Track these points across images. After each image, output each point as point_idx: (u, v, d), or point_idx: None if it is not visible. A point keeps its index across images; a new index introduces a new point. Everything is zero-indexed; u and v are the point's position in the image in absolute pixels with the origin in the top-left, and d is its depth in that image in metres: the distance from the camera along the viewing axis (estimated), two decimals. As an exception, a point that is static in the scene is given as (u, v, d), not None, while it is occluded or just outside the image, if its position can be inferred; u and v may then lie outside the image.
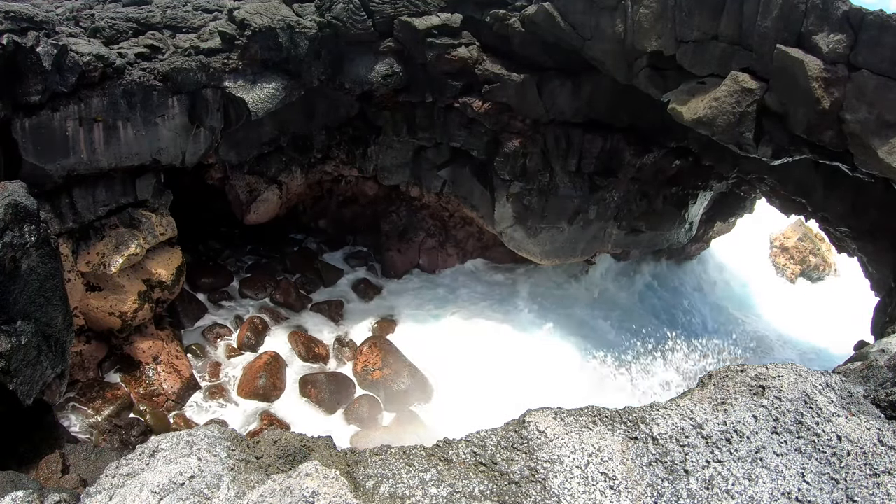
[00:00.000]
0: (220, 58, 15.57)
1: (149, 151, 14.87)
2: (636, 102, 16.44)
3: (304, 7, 17.23)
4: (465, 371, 16.20)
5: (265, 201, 20.05)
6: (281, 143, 19.17)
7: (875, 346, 6.17)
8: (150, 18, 15.65)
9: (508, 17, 16.37)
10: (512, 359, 16.82)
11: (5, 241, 9.11)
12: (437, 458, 4.49)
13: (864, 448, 4.31)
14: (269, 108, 16.47)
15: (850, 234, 15.05)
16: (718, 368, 5.22)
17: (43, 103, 12.75)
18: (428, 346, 17.36)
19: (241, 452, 4.65)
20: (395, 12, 16.89)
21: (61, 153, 13.29)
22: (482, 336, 18.17)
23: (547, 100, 17.20)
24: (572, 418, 4.76)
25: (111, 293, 14.66)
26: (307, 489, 3.97)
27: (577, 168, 18.01)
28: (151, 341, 15.25)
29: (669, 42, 13.44)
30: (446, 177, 20.22)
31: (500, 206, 19.02)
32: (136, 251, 14.77)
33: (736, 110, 12.30)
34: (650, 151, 17.98)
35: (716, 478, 4.20)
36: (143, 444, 4.69)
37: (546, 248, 19.09)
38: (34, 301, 9.73)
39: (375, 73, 17.36)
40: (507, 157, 18.22)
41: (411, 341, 17.57)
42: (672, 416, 4.68)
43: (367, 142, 20.13)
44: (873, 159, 11.05)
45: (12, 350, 9.19)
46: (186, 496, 4.10)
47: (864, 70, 10.91)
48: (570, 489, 4.17)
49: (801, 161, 13.75)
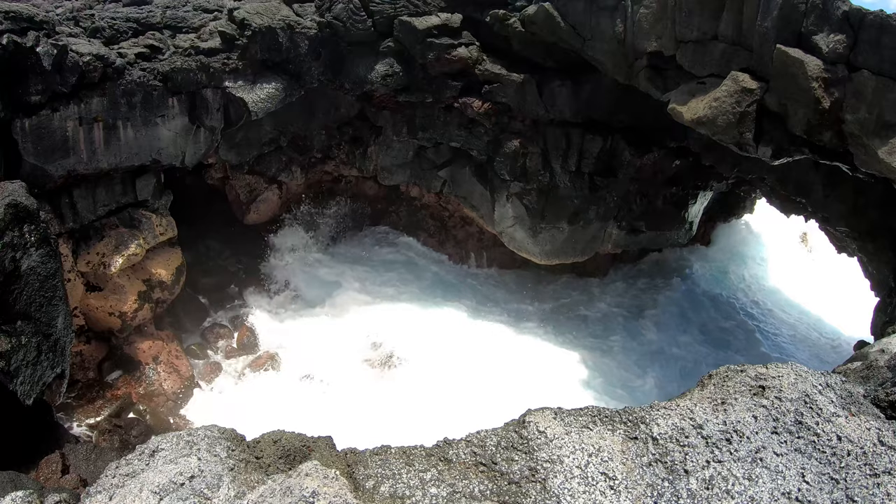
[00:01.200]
0: (220, 58, 15.57)
1: (149, 151, 14.87)
2: (636, 102, 16.44)
3: (304, 7, 17.24)
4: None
5: (265, 201, 20.06)
6: (281, 143, 19.17)
7: (875, 346, 6.17)
8: (150, 18, 15.64)
9: (508, 17, 16.38)
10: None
11: (5, 241, 9.11)
12: (437, 458, 4.49)
13: (864, 448, 4.30)
14: (269, 108, 16.47)
15: (850, 234, 15.05)
16: (718, 369, 5.22)
17: (43, 103, 12.75)
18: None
19: (241, 452, 4.65)
20: (395, 12, 16.89)
21: (61, 153, 13.28)
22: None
23: (547, 100, 17.20)
24: (572, 418, 4.76)
25: (111, 293, 14.65)
26: (307, 489, 3.97)
27: (577, 168, 18.00)
28: (151, 341, 15.24)
29: (669, 42, 13.44)
30: (446, 177, 20.22)
31: (500, 206, 19.02)
32: (136, 251, 14.78)
33: (736, 110, 12.30)
34: (650, 151, 17.98)
35: (716, 478, 4.20)
36: (143, 444, 4.68)
37: (546, 248, 19.09)
38: (34, 301, 9.73)
39: (375, 73, 17.36)
40: (507, 157, 18.22)
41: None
42: (672, 416, 4.68)
43: (367, 142, 20.13)
44: (873, 159, 11.05)
45: (12, 350, 9.19)
46: (186, 496, 4.09)
47: (864, 70, 10.90)
48: (570, 489, 4.17)
49: (801, 161, 13.75)
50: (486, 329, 18.73)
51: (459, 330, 18.56)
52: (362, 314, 18.65)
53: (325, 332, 17.80)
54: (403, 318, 18.71)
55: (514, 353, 17.45)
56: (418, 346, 17.36)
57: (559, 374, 16.75)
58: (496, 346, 17.73)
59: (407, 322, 18.60)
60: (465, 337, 18.15)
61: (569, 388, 16.08)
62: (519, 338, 18.46)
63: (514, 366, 16.70)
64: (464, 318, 19.15)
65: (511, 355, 17.31)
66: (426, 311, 19.20)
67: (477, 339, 18.10)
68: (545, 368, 16.87)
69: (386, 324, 18.21)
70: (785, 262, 25.17)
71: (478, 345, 17.70)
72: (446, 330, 18.48)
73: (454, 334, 18.23)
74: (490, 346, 17.67)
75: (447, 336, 18.07)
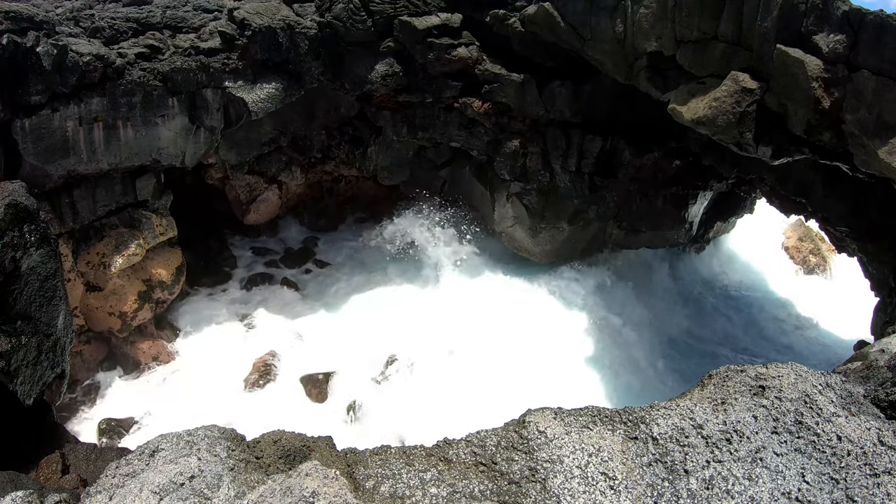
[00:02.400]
0: (220, 58, 15.57)
1: (149, 152, 14.87)
2: (636, 102, 16.43)
3: (304, 7, 17.23)
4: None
5: (265, 201, 20.07)
6: (281, 143, 19.16)
7: (875, 346, 6.16)
8: (150, 18, 15.64)
9: (508, 17, 16.37)
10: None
11: (5, 241, 9.11)
12: (437, 458, 4.49)
13: (864, 448, 4.30)
14: (269, 108, 16.47)
15: (850, 234, 15.05)
16: (718, 369, 5.21)
17: (43, 103, 12.76)
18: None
19: (241, 452, 4.65)
20: (395, 12, 16.89)
21: (61, 153, 13.29)
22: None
23: (547, 100, 17.20)
24: (572, 418, 4.76)
25: (111, 293, 14.66)
26: (307, 489, 3.97)
27: (577, 168, 17.99)
28: (151, 341, 15.25)
29: (669, 42, 13.44)
30: (446, 177, 20.21)
31: (500, 206, 19.02)
32: (136, 251, 14.78)
33: (736, 110, 12.29)
34: (650, 151, 17.96)
35: (716, 478, 4.20)
36: (143, 444, 4.68)
37: (546, 248, 19.08)
38: (34, 301, 9.73)
39: (375, 73, 17.36)
40: (507, 157, 18.22)
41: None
42: (672, 416, 4.68)
43: (367, 142, 20.12)
44: (873, 159, 11.05)
45: (12, 350, 9.19)
46: (186, 496, 4.09)
47: (864, 70, 10.89)
48: (570, 489, 4.17)
49: (801, 161, 13.74)
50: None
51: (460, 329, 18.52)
52: (362, 313, 18.62)
53: (325, 331, 17.78)
54: (403, 318, 18.68)
55: (514, 353, 17.40)
56: (419, 345, 17.35)
57: (559, 374, 16.72)
58: (496, 346, 17.68)
59: (407, 322, 18.56)
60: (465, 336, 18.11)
61: (569, 387, 16.05)
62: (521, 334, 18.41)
63: (514, 365, 16.66)
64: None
65: (511, 354, 17.27)
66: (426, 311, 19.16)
67: (478, 338, 18.06)
68: (545, 368, 16.84)
69: (386, 324, 18.18)
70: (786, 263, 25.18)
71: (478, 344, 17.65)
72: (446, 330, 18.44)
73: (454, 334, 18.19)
74: (489, 346, 17.62)
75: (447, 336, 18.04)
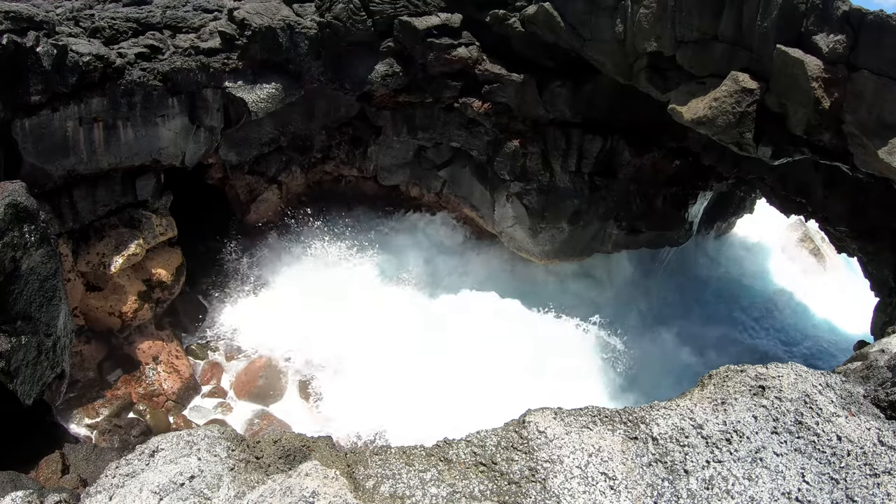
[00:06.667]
0: (220, 58, 15.57)
1: (149, 151, 14.86)
2: (636, 102, 16.43)
3: (304, 7, 17.22)
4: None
5: (265, 201, 20.04)
6: (281, 143, 19.15)
7: (875, 346, 6.15)
8: (150, 18, 15.64)
9: (508, 17, 16.37)
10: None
11: (5, 241, 9.11)
12: (437, 458, 4.49)
13: (864, 448, 4.30)
14: (269, 108, 16.46)
15: (850, 234, 15.05)
16: (718, 369, 5.21)
17: (43, 103, 12.74)
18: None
19: (241, 452, 4.65)
20: (395, 12, 16.88)
21: (61, 153, 13.28)
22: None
23: (547, 100, 17.20)
24: (572, 418, 4.76)
25: (111, 293, 14.66)
26: (307, 489, 3.97)
27: (576, 168, 18.00)
28: (151, 341, 15.25)
29: (669, 42, 13.44)
30: (446, 177, 20.20)
31: (500, 206, 19.01)
32: (136, 251, 14.77)
33: (736, 110, 12.30)
34: (650, 151, 17.97)
35: (716, 478, 4.19)
36: (143, 444, 4.68)
37: (546, 248, 19.08)
38: (34, 301, 9.73)
39: (375, 73, 17.35)
40: (507, 157, 18.22)
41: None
42: (672, 416, 4.67)
43: (367, 142, 20.11)
44: (873, 159, 11.05)
45: (12, 350, 9.19)
46: (186, 496, 4.09)
47: (864, 70, 10.90)
48: (570, 489, 4.17)
49: (801, 161, 13.75)
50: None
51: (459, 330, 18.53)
52: (362, 313, 18.60)
53: (324, 330, 17.77)
54: (405, 319, 18.69)
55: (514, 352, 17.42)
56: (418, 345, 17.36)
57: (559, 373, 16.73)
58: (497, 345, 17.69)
59: (407, 322, 18.57)
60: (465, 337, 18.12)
61: (568, 387, 16.06)
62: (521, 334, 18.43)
63: (514, 366, 16.67)
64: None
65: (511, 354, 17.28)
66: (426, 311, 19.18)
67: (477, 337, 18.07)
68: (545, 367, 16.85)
69: (388, 324, 18.18)
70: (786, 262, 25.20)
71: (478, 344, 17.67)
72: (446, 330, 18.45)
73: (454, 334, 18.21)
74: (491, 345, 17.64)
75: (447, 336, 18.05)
